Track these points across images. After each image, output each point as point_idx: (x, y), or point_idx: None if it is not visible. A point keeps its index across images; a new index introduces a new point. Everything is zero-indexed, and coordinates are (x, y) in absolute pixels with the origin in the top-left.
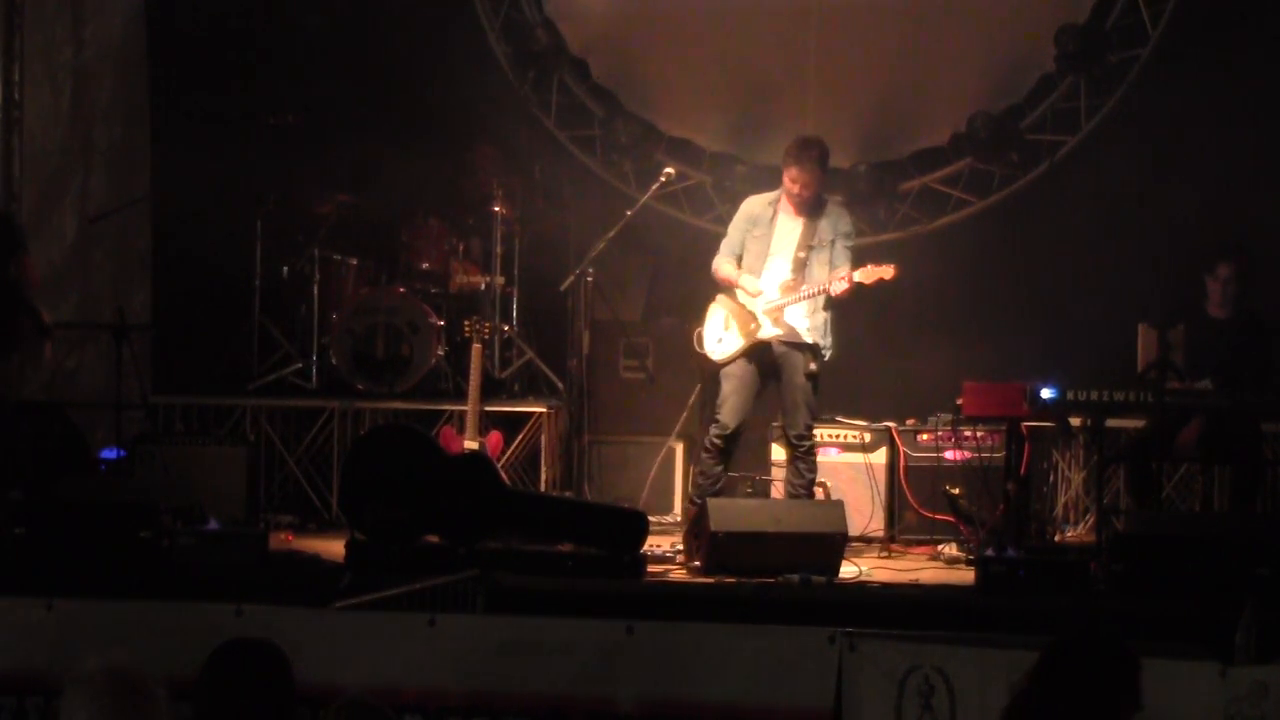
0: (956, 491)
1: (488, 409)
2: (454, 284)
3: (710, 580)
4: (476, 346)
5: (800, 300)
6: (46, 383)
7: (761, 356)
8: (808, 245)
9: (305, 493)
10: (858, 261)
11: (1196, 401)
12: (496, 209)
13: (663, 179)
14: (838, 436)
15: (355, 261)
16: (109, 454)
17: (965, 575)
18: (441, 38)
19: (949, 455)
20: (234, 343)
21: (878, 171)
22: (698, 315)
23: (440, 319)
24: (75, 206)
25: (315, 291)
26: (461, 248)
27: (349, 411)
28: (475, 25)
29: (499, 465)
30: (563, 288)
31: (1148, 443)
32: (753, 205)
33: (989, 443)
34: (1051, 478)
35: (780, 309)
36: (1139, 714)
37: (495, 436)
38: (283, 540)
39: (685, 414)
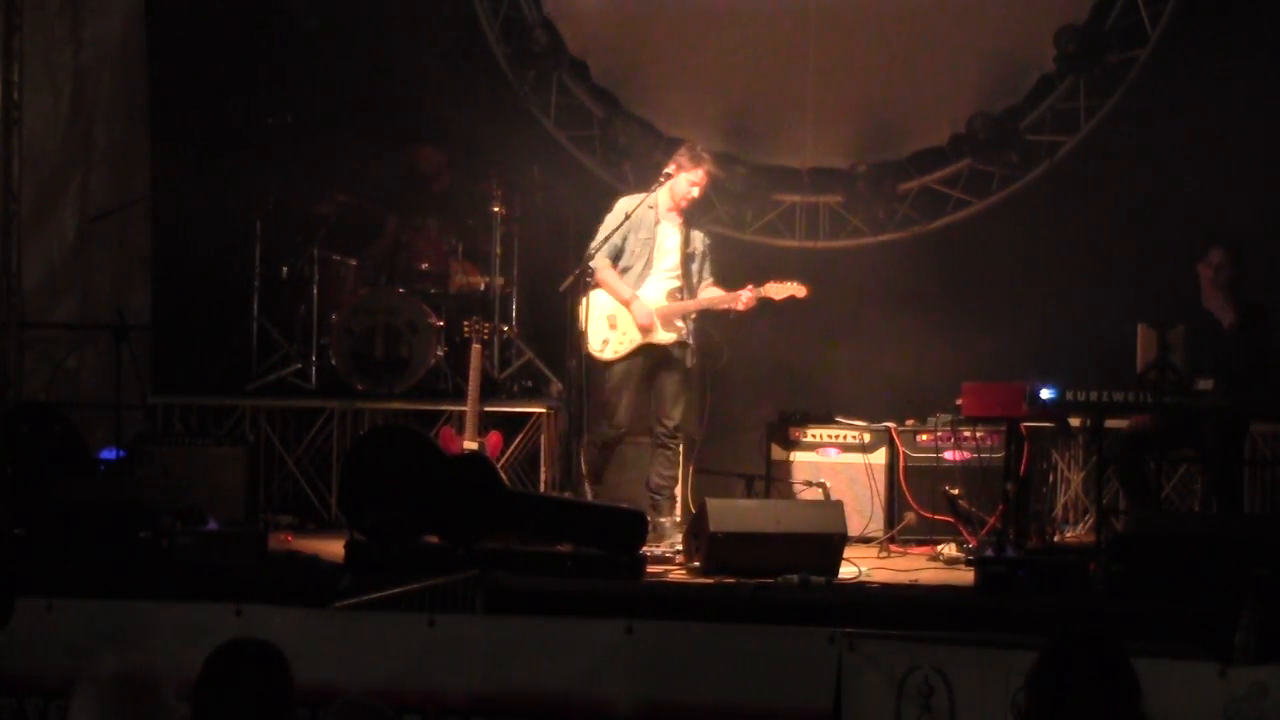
0: (956, 492)
1: (487, 409)
2: (453, 284)
3: (710, 580)
4: (476, 347)
5: (697, 310)
6: (46, 383)
7: (649, 355)
8: (685, 253)
9: (305, 493)
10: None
11: (1196, 402)
12: (496, 209)
13: (662, 179)
14: (837, 437)
15: (354, 262)
16: (108, 454)
17: (965, 576)
18: (441, 38)
19: (948, 455)
20: (233, 343)
21: (877, 172)
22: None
23: (439, 319)
24: (75, 206)
25: (314, 292)
26: (460, 248)
27: (348, 412)
28: (474, 25)
29: (498, 465)
30: (562, 288)
31: (1137, 441)
32: (632, 206)
33: (988, 443)
34: (1051, 478)
35: (672, 314)
36: None
37: (495, 437)
38: (282, 540)
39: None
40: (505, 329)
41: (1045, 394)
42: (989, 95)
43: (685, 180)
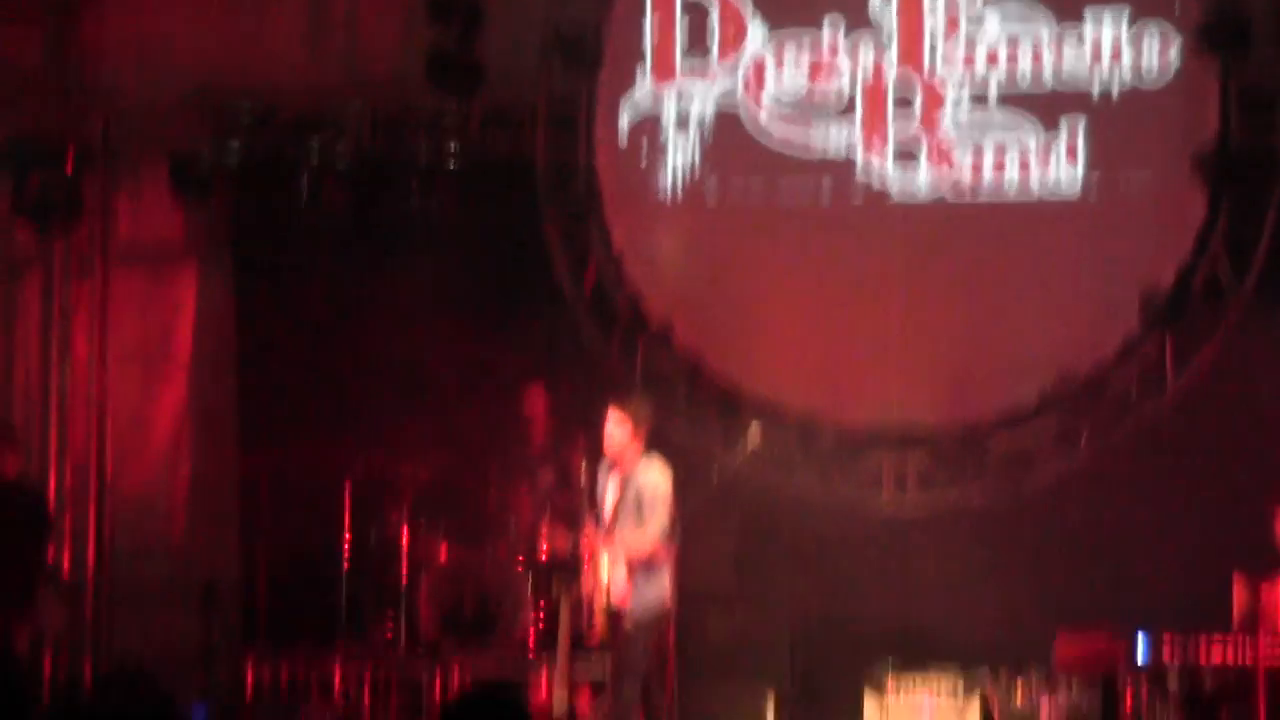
0: None
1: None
2: (544, 545)
3: None
4: (565, 609)
5: None
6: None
7: None
8: (617, 503)
9: None
10: None
11: None
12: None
13: (747, 441)
14: (929, 685)
15: (442, 523)
16: (199, 713)
17: None
18: (520, 302)
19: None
20: (323, 603)
21: (964, 431)
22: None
23: (530, 578)
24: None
25: (403, 556)
26: (550, 508)
27: (440, 670)
28: (557, 298)
29: None
30: None
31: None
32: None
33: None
34: None
35: None
36: None
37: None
38: None
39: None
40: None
41: (1141, 655)
42: (1075, 354)
43: None
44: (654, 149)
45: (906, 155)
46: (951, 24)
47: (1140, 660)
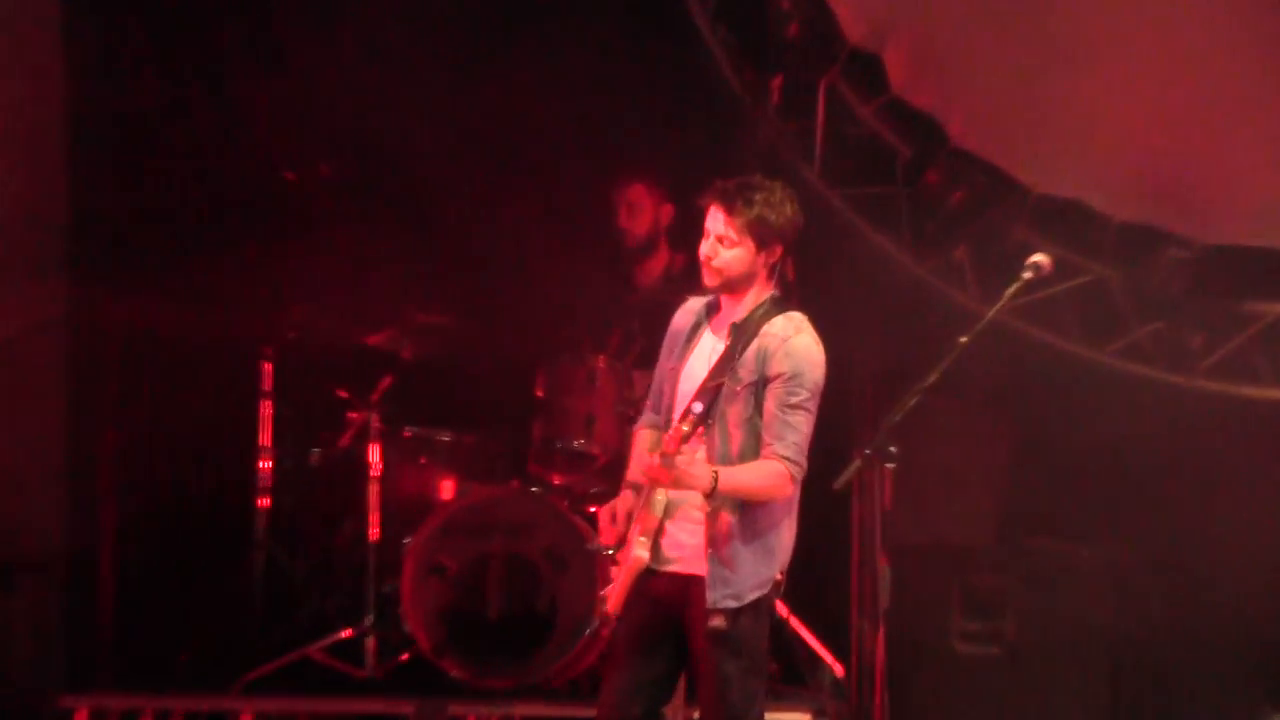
0: None
1: None
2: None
3: None
4: None
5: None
6: None
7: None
8: (716, 386)
9: None
10: None
11: None
12: None
13: (1027, 275)
14: None
15: (447, 437)
16: None
17: None
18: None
19: None
20: (222, 592)
21: None
22: (1086, 531)
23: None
24: None
25: (371, 493)
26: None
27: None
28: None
29: None
30: (838, 485)
31: None
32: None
33: None
34: None
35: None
36: None
37: None
38: None
39: None
40: None
41: None
42: None
43: None
44: None
45: None
46: None
47: None
